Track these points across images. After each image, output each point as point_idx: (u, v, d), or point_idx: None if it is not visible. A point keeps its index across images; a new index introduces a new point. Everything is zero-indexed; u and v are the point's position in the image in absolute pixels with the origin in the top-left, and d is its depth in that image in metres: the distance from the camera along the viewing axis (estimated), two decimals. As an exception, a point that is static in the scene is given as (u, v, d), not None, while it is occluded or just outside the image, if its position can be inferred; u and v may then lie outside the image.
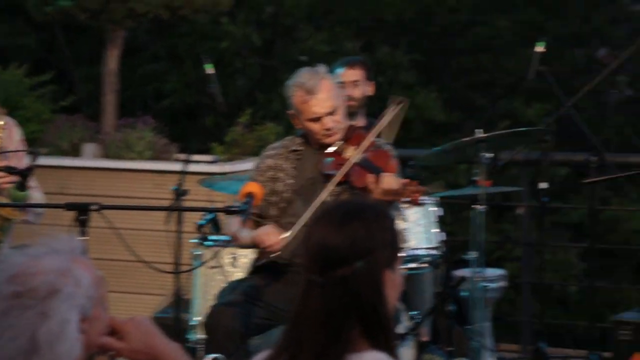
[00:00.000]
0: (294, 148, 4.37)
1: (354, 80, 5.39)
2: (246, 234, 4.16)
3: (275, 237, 4.08)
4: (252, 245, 4.16)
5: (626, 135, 13.24)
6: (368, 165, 4.18)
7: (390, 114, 4.26)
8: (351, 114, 5.03)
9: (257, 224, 4.27)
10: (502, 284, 5.47)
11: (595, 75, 5.96)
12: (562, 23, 13.06)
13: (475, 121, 11.84)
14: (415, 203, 4.11)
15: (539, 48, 4.99)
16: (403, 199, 4.05)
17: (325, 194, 4.13)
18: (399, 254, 2.28)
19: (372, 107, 5.38)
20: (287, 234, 4.09)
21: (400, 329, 4.55)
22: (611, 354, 4.77)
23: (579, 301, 11.02)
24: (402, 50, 12.03)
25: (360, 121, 5.32)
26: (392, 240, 2.27)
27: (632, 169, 4.53)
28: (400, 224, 4.41)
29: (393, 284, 2.24)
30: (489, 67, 12.87)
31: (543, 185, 5.14)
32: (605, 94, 13.45)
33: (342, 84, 4.97)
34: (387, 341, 2.20)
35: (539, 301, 6.05)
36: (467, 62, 12.88)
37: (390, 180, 4.04)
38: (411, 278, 5.01)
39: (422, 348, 5.12)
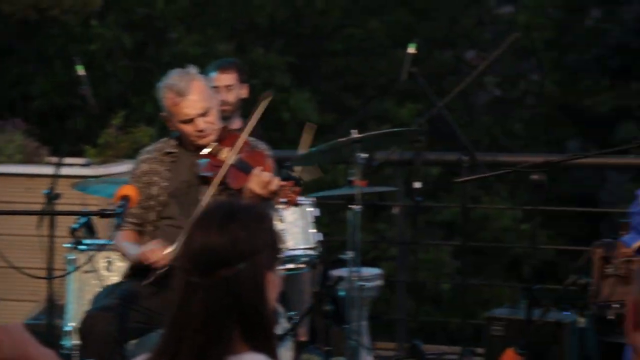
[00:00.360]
0: (168, 150, 4.33)
1: (227, 85, 5.37)
2: (132, 252, 4.12)
3: (160, 252, 4.05)
4: (138, 262, 4.11)
5: (495, 135, 13.57)
6: (244, 166, 4.17)
7: (259, 111, 4.27)
8: (226, 117, 5.02)
9: (140, 233, 4.23)
10: (378, 283, 5.53)
11: (464, 77, 6.11)
12: (431, 25, 13.28)
13: (349, 122, 11.96)
14: (292, 203, 4.12)
15: (411, 49, 5.07)
16: (280, 200, 4.06)
17: (207, 198, 4.11)
18: (278, 256, 2.28)
19: (248, 110, 5.38)
20: (172, 247, 4.05)
21: (279, 329, 4.56)
22: (484, 349, 4.87)
23: (452, 299, 11.22)
24: (276, 52, 12.06)
25: (236, 124, 5.31)
26: (273, 241, 2.27)
27: (502, 168, 4.63)
28: (277, 225, 4.42)
29: (273, 285, 2.24)
30: (361, 68, 13.00)
31: (417, 184, 5.22)
32: (473, 95, 13.75)
33: (215, 89, 4.95)
34: (267, 342, 2.20)
35: (413, 299, 6.14)
36: (340, 64, 12.99)
37: (267, 175, 4.04)
38: (289, 278, 5.02)
39: (300, 348, 5.14)
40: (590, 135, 13.70)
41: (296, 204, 4.23)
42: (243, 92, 5.46)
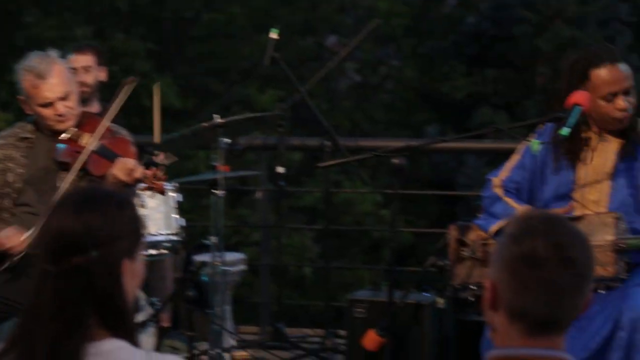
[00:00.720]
0: (24, 135, 4.22)
1: (85, 66, 5.31)
2: None
3: (16, 238, 3.96)
4: None
5: (356, 120, 13.72)
6: (106, 153, 4.11)
7: (122, 97, 4.21)
8: (84, 100, 4.93)
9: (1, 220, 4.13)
10: (241, 267, 5.53)
11: (325, 63, 6.16)
12: (292, 11, 13.33)
13: (211, 107, 11.90)
14: (159, 191, 4.09)
15: (273, 35, 5.08)
16: (147, 187, 4.02)
17: (66, 185, 4.03)
18: (140, 243, 2.25)
19: (107, 94, 5.30)
20: (29, 232, 3.96)
21: (141, 316, 4.52)
22: (346, 331, 4.92)
23: (315, 282, 11.32)
24: (137, 37, 11.91)
25: (94, 107, 5.23)
26: (133, 229, 2.24)
27: (363, 152, 4.68)
28: (139, 211, 4.37)
29: (133, 273, 2.22)
30: (223, 53, 12.96)
31: (280, 169, 5.23)
32: (334, 81, 13.86)
33: (73, 70, 4.86)
34: (127, 329, 2.18)
35: (276, 283, 6.16)
36: (202, 49, 12.92)
37: (131, 163, 3.99)
38: (151, 264, 4.98)
39: (163, 334, 5.11)
40: (448, 120, 13.98)
41: (163, 192, 4.18)
42: (101, 74, 5.40)
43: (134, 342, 2.17)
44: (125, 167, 3.99)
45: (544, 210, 2.11)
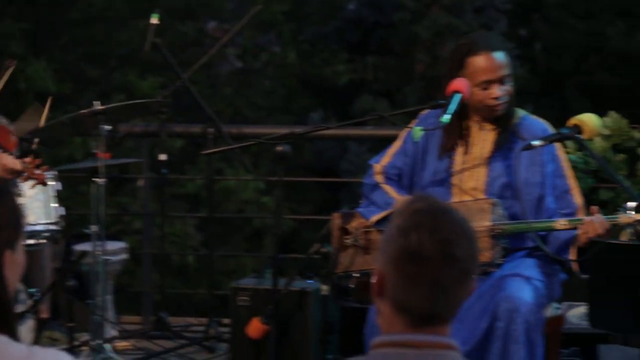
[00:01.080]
0: None
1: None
2: None
3: None
4: None
5: (237, 106, 13.66)
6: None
7: (2, 81, 4.08)
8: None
9: None
10: (123, 256, 5.45)
11: (205, 48, 6.09)
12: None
13: (90, 93, 11.68)
14: (40, 182, 3.97)
15: (154, 20, 5.01)
16: (27, 178, 3.91)
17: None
18: (21, 233, 2.19)
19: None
20: None
21: (19, 307, 4.41)
22: (230, 319, 4.89)
23: (198, 270, 11.24)
24: (10, 18, 11.59)
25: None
26: (13, 219, 2.17)
27: (247, 139, 4.64)
28: (18, 200, 4.25)
29: (14, 264, 2.15)
30: (101, 38, 12.73)
31: (162, 156, 5.16)
32: (216, 67, 13.77)
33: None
34: (7, 322, 2.11)
35: (159, 272, 6.09)
36: (79, 33, 12.66)
37: (10, 160, 3.87)
38: (30, 254, 4.84)
39: (42, 325, 5.00)
40: (330, 106, 14.04)
41: (45, 183, 4.07)
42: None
43: (15, 336, 2.11)
44: (4, 165, 3.87)
45: (433, 201, 2.10)
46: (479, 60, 3.83)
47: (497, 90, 3.82)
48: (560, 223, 3.64)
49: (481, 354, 3.62)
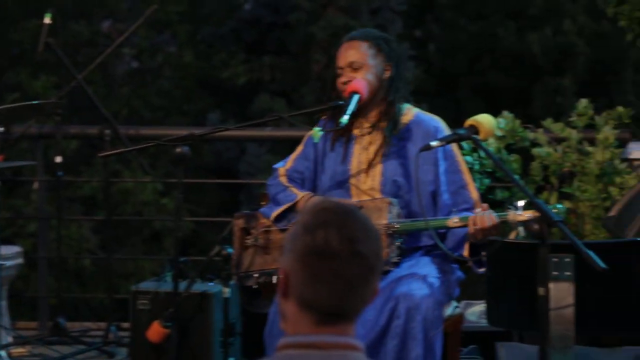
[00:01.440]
0: None
1: None
2: None
3: None
4: None
5: (134, 107, 13.52)
6: None
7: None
8: None
9: None
10: (17, 261, 5.34)
11: (100, 48, 6.01)
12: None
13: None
14: None
15: (46, 20, 4.91)
16: None
17: None
18: None
19: None
20: None
21: None
22: (130, 324, 4.82)
23: (95, 274, 11.09)
24: None
25: None
26: None
27: (143, 141, 4.58)
28: None
29: None
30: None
31: (58, 159, 5.07)
32: (111, 67, 13.60)
33: None
34: None
35: (55, 276, 5.98)
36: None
37: None
38: None
39: None
40: (228, 107, 14.00)
41: None
42: None
43: None
44: None
45: (338, 202, 2.11)
46: (339, 50, 3.88)
47: (343, 77, 3.85)
48: (453, 221, 3.68)
49: (378, 351, 3.64)
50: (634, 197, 4.14)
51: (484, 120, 3.23)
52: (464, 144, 4.38)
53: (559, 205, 3.76)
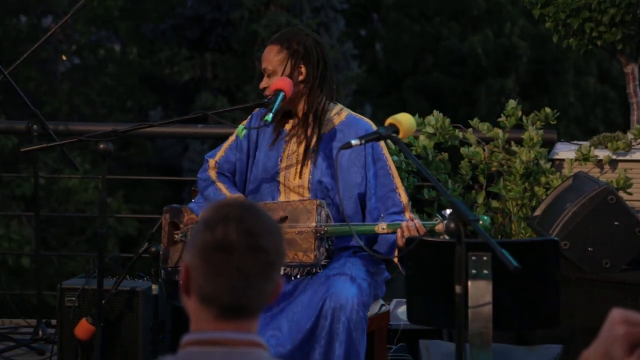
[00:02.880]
0: None
1: None
2: None
3: None
4: None
5: (76, 104, 13.41)
6: None
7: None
8: None
9: None
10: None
11: (42, 44, 5.92)
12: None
13: None
14: None
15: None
16: None
17: None
18: None
19: None
20: None
21: None
22: (58, 321, 4.78)
23: (31, 271, 10.99)
24: None
25: None
26: None
27: (74, 137, 4.54)
28: None
29: None
30: None
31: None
32: (53, 63, 13.48)
33: None
34: None
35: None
36: None
37: None
38: None
39: None
40: (171, 104, 13.95)
41: None
42: None
43: None
44: None
45: (241, 199, 2.13)
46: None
47: (262, 83, 3.89)
48: (381, 227, 3.69)
49: (306, 352, 3.64)
50: (557, 197, 4.18)
51: (404, 119, 3.25)
52: (391, 144, 4.40)
53: (485, 218, 3.81)
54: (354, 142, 3.14)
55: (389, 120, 3.26)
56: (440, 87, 14.55)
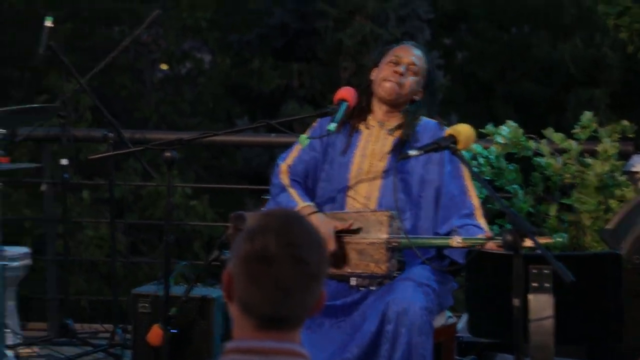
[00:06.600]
0: None
1: None
2: None
3: None
4: None
5: (165, 113, 13.60)
6: None
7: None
8: None
9: None
10: (25, 262, 5.37)
11: (132, 53, 6.05)
12: (92, 1, 13.11)
13: (17, 93, 11.53)
14: None
15: (48, 23, 4.95)
16: None
17: None
18: None
19: None
20: None
21: None
22: (132, 327, 4.85)
23: (120, 276, 11.14)
24: None
25: None
26: None
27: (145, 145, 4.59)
28: None
29: None
30: (23, 40, 12.58)
31: (64, 161, 5.10)
32: (145, 72, 13.71)
33: None
34: None
35: (66, 278, 6.02)
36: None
37: None
38: None
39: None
40: (258, 113, 14.03)
41: None
42: None
43: None
44: None
45: (286, 210, 2.12)
46: (398, 47, 4.02)
47: (398, 67, 3.90)
48: (456, 241, 3.63)
49: (371, 357, 3.63)
50: (631, 210, 4.10)
51: (463, 130, 3.23)
52: (465, 152, 4.36)
53: (563, 235, 3.74)
54: (412, 152, 3.13)
55: (448, 131, 3.24)
56: (528, 96, 14.38)
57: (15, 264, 5.18)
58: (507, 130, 4.57)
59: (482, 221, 3.81)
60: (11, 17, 12.36)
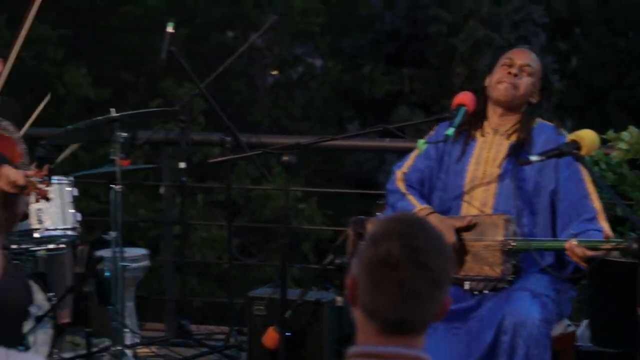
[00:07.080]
0: None
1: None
2: None
3: None
4: None
5: (276, 117, 13.71)
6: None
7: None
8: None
9: None
10: (144, 263, 5.47)
11: (246, 59, 6.12)
12: (210, 5, 13.27)
13: (127, 99, 11.78)
14: (43, 197, 3.89)
15: (169, 28, 5.03)
16: (31, 193, 3.84)
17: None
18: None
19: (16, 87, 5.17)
20: None
21: (37, 311, 4.45)
22: (247, 329, 4.89)
23: (223, 278, 11.26)
24: (49, 24, 11.71)
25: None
26: None
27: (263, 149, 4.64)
28: (35, 205, 4.29)
29: None
30: (139, 45, 12.84)
31: (182, 164, 5.19)
32: (256, 77, 13.84)
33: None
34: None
35: (182, 279, 6.11)
36: (118, 40, 12.78)
37: (13, 173, 3.81)
38: (50, 259, 4.90)
39: (61, 330, 5.03)
40: (368, 118, 14.05)
41: (48, 199, 3.98)
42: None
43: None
44: (7, 177, 3.79)
45: (411, 214, 2.11)
46: (511, 50, 3.99)
47: (513, 69, 3.85)
48: (572, 243, 3.56)
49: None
50: None
51: (586, 135, 3.17)
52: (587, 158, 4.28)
53: None
54: (533, 158, 3.09)
55: (570, 137, 3.19)
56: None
57: (134, 265, 5.28)
58: (628, 136, 4.48)
59: (604, 225, 3.72)
60: (128, 24, 12.62)
